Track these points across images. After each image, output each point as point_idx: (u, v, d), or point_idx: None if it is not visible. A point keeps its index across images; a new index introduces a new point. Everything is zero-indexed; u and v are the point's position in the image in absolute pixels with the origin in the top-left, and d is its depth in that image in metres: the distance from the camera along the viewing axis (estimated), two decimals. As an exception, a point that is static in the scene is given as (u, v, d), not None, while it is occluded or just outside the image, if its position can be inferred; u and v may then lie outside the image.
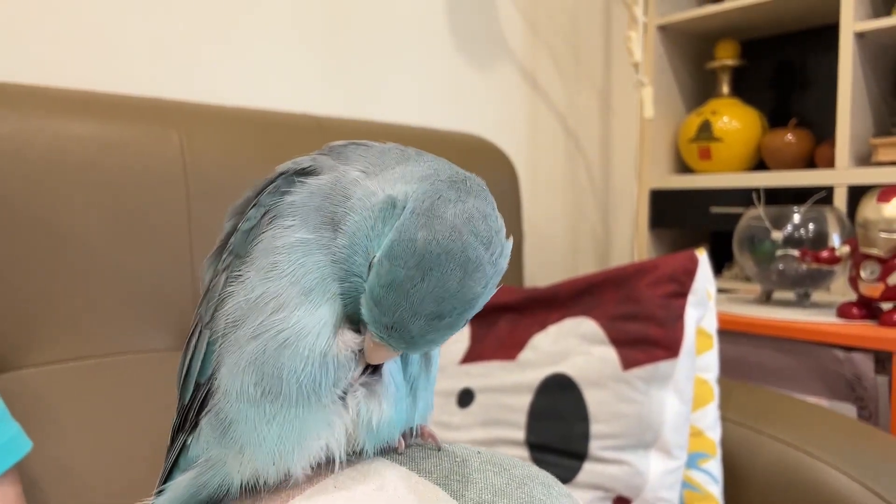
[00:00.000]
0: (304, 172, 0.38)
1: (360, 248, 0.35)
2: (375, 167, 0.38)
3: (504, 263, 0.35)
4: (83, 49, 0.94)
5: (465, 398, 0.91)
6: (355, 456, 0.39)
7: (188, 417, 0.40)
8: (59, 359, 0.77)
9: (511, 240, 0.36)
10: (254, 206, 0.38)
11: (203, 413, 0.39)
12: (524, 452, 0.84)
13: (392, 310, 0.33)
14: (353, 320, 0.37)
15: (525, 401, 0.86)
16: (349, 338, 0.36)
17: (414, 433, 0.42)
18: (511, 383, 0.88)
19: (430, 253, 0.32)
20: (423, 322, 0.33)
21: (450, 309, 0.33)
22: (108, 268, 0.80)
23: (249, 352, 0.36)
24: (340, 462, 0.37)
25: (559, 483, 0.40)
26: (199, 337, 0.39)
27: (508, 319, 0.94)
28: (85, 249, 0.79)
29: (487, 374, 0.91)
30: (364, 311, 0.34)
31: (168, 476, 0.42)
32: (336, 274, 0.36)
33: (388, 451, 0.40)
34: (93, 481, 0.74)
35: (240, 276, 0.37)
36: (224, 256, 0.39)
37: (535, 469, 0.40)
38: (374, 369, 0.37)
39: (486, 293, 0.34)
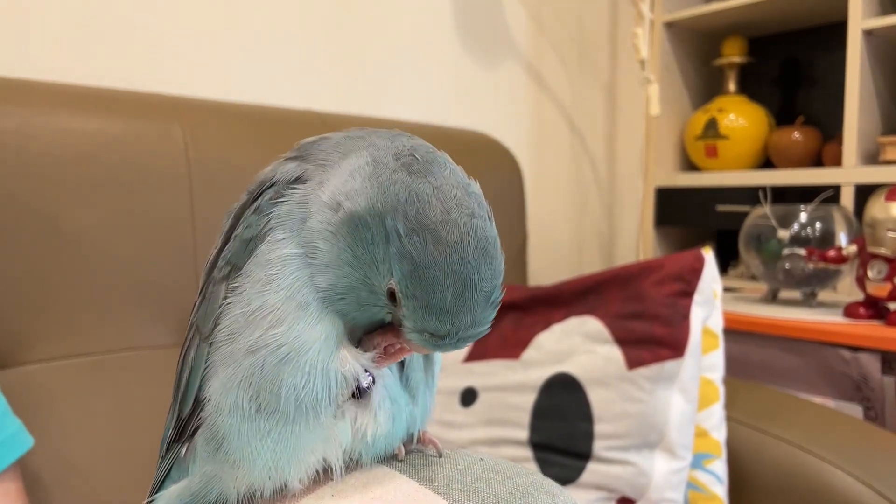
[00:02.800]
0: (295, 180, 0.37)
1: (353, 280, 0.34)
2: (325, 168, 0.37)
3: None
4: (86, 44, 0.94)
5: (469, 397, 0.90)
6: (354, 464, 0.38)
7: (185, 430, 0.39)
8: (62, 355, 0.77)
9: (476, 182, 0.36)
10: (254, 212, 0.38)
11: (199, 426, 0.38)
12: (527, 452, 0.84)
13: (454, 327, 0.33)
14: (354, 332, 0.36)
15: (529, 400, 0.86)
16: (352, 352, 0.36)
17: (414, 439, 0.41)
18: (514, 382, 0.87)
19: (457, 264, 0.32)
20: (480, 311, 0.33)
21: (491, 287, 0.33)
22: (111, 264, 0.80)
23: (246, 366, 0.35)
24: (340, 473, 0.37)
25: (564, 492, 0.39)
26: (197, 350, 0.38)
27: (512, 318, 0.94)
28: (88, 245, 0.78)
29: (491, 373, 0.90)
30: (418, 340, 0.34)
31: (161, 486, 0.42)
32: (324, 297, 0.35)
33: (388, 459, 0.39)
34: (94, 477, 0.74)
35: (237, 287, 0.36)
36: (221, 265, 0.38)
37: (539, 477, 0.39)
38: (365, 390, 0.37)
39: None
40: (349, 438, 0.36)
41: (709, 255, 0.85)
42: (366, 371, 0.36)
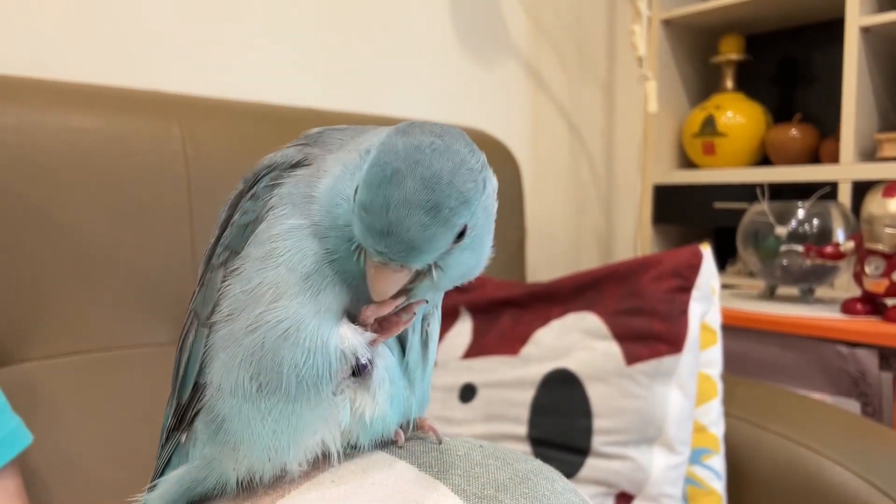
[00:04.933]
0: (296, 164, 0.37)
1: (341, 210, 0.34)
2: (335, 153, 0.37)
3: (491, 177, 0.34)
4: (85, 42, 0.94)
5: (468, 393, 0.90)
6: (352, 450, 0.38)
7: (185, 417, 0.39)
8: (61, 352, 0.77)
9: (493, 175, 0.34)
10: (250, 198, 0.37)
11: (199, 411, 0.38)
12: (526, 448, 0.84)
13: (384, 207, 0.30)
14: (354, 309, 0.36)
15: (527, 396, 0.86)
16: (351, 329, 0.35)
17: (412, 426, 0.41)
18: (513, 378, 0.88)
19: (413, 149, 0.31)
20: (422, 215, 0.30)
21: (445, 197, 0.31)
22: (110, 261, 0.80)
23: (246, 345, 0.34)
24: (338, 456, 0.36)
25: (563, 478, 0.39)
26: (196, 335, 0.38)
27: (511, 314, 0.94)
28: (86, 243, 0.78)
29: (490, 369, 0.90)
30: (356, 227, 0.32)
31: (161, 474, 0.41)
32: (328, 256, 0.35)
33: (387, 445, 0.39)
34: (93, 474, 0.74)
35: (236, 269, 0.36)
36: (219, 251, 0.38)
37: (538, 463, 0.39)
38: (364, 367, 0.36)
39: (479, 196, 0.32)
40: (348, 419, 0.36)
41: (707, 251, 0.86)
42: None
